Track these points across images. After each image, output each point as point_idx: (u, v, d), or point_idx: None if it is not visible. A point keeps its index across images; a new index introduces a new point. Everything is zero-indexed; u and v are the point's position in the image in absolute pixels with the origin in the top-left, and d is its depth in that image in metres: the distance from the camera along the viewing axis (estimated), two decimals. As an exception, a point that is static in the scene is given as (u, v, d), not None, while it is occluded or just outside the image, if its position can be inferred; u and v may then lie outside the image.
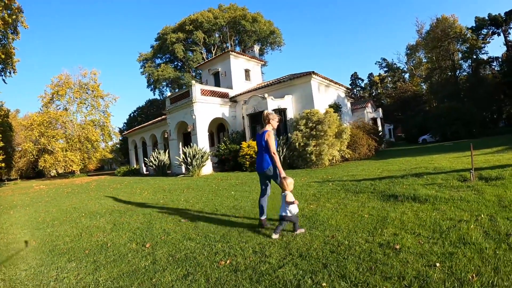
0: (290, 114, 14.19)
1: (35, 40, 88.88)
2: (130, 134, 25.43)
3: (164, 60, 39.59)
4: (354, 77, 62.53)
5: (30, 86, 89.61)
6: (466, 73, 35.68)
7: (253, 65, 19.81)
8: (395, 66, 51.85)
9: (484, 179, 5.22)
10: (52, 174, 31.49)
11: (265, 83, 17.18)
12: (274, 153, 3.64)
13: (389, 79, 53.59)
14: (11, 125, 35.29)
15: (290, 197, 3.37)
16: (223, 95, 16.49)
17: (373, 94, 56.13)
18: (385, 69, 54.69)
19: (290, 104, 14.31)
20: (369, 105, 26.07)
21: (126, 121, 52.40)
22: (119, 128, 49.49)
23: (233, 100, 16.62)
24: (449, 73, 35.45)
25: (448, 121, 24.27)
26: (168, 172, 17.09)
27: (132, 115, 52.10)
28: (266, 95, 13.82)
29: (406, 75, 51.04)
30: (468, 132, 23.66)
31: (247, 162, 13.18)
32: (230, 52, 17.98)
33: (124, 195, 9.49)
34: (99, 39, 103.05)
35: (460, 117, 23.88)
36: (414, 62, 46.74)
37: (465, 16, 74.50)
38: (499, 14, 33.09)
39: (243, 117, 15.20)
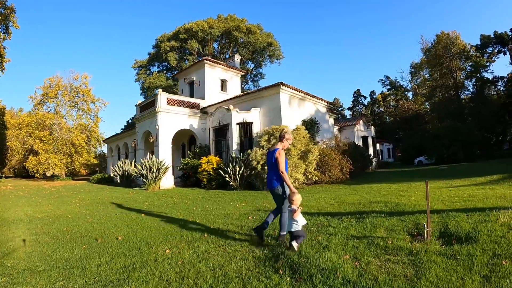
0: (257, 129, 13.12)
1: (44, 45, 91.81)
2: (109, 141, 24.82)
3: (161, 68, 39.33)
4: (357, 94, 61.10)
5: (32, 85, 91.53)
6: (469, 93, 34.04)
7: (231, 75, 18.82)
8: (398, 84, 50.46)
9: (447, 237, 3.53)
10: (47, 175, 31.00)
11: (236, 95, 16.21)
12: (282, 171, 3.70)
13: (392, 97, 52.02)
14: (5, 123, 35.38)
15: (297, 213, 3.47)
16: (193, 106, 15.57)
17: (375, 112, 54.59)
18: (388, 87, 53.29)
19: (257, 117, 13.27)
20: (361, 122, 24.68)
21: (123, 127, 52.46)
22: (116, 133, 49.38)
23: (204, 111, 15.65)
24: (452, 92, 33.85)
25: (446, 142, 22.77)
26: (135, 182, 16.16)
27: (130, 121, 52.09)
28: (231, 107, 12.86)
29: (409, 94, 49.56)
30: (467, 155, 22.04)
31: (205, 179, 12.15)
32: (205, 60, 17.02)
33: (56, 204, 9.30)
34: (101, 44, 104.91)
35: (459, 138, 22.36)
36: (418, 80, 45.25)
37: (471, 34, 73.15)
38: (505, 32, 31.49)
39: (209, 130, 14.25)
